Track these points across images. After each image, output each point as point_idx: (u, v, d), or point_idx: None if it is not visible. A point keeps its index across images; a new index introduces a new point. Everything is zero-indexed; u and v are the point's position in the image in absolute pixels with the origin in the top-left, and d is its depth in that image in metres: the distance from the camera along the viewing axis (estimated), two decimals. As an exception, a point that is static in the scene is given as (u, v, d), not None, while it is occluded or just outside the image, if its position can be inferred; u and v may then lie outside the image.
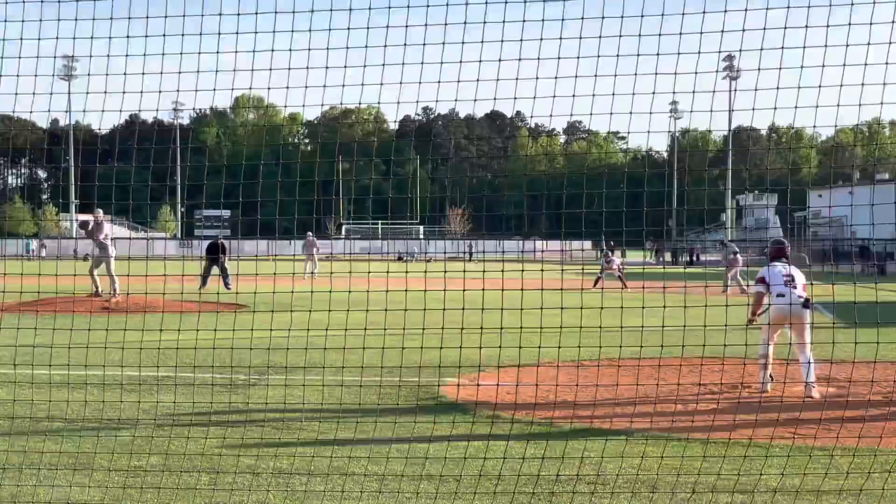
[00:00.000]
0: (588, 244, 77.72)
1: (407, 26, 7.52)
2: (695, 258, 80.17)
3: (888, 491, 7.63)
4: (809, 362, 12.06)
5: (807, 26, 7.13)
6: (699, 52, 7.37)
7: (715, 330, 8.46)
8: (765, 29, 7.19)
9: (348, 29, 7.58)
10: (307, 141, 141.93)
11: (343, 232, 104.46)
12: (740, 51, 7.45)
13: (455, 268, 9.31)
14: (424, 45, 7.53)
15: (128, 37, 7.67)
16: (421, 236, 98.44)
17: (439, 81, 7.58)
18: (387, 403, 11.40)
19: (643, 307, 8.21)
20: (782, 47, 7.18)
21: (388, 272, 8.13)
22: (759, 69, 7.41)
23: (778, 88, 7.37)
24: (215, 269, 33.55)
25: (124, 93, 7.96)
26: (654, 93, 7.47)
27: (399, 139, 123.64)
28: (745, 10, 7.25)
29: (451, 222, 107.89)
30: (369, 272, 8.61)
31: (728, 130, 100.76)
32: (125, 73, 7.88)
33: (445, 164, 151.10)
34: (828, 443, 9.07)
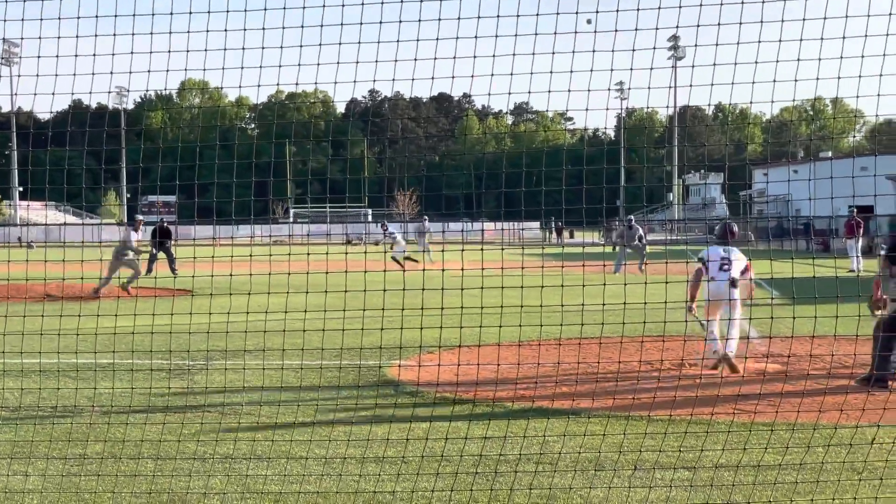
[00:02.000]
0: (536, 224, 78.03)
1: (343, 5, 7.44)
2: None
3: (828, 464, 7.70)
4: (735, 338, 12.28)
5: (742, 2, 7.14)
6: (636, 29, 7.34)
7: (656, 308, 8.48)
8: (700, 5, 7.18)
9: (283, 8, 7.49)
10: (253, 126, 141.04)
11: (291, 215, 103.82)
12: (680, 26, 7.44)
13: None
14: (361, 24, 7.44)
15: (59, 18, 7.52)
16: (369, 219, 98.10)
17: (375, 61, 7.50)
18: (329, 386, 11.34)
19: (583, 285, 8.20)
20: (718, 24, 7.17)
21: (327, 254, 8.05)
22: (696, 45, 7.42)
23: (715, 65, 7.36)
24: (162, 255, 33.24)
25: (56, 75, 7.80)
26: (591, 70, 7.43)
27: (345, 121, 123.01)
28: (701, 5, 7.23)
29: (400, 205, 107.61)
30: (308, 254, 8.53)
31: (674, 108, 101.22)
32: (57, 56, 7.73)
33: (393, 147, 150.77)
34: (769, 418, 9.15)
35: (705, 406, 9.72)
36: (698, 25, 7.23)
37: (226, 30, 7.46)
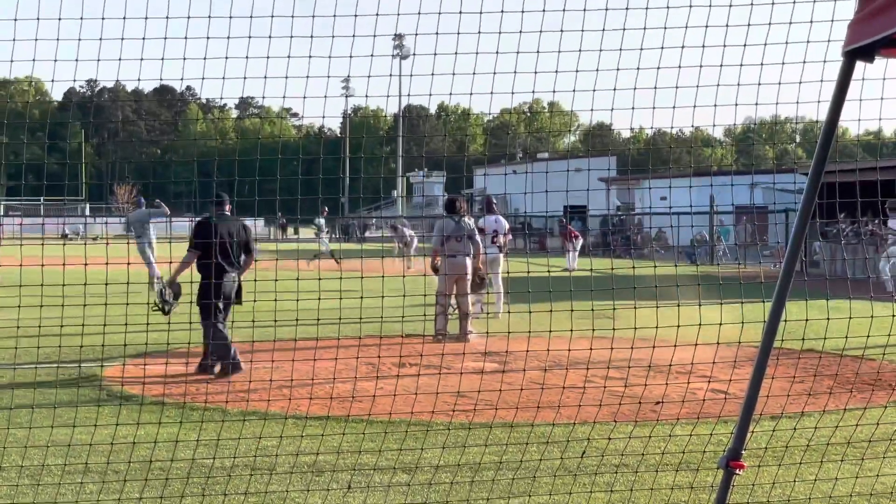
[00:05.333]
0: (261, 221, 77.24)
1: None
2: (364, 234, 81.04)
3: (545, 462, 7.78)
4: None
5: (461, 12, 7.12)
6: (374, 36, 7.20)
7: (373, 307, 8.38)
8: (419, 14, 7.11)
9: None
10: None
11: (2, 209, 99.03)
12: (405, 33, 7.34)
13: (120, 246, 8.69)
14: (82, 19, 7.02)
15: None
16: (87, 213, 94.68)
17: (98, 60, 7.09)
18: (23, 383, 10.63)
19: (296, 280, 7.99)
20: (436, 33, 7.12)
21: (43, 251, 7.45)
22: (414, 54, 7.34)
23: (455, 75, 7.31)
24: None
25: None
26: (328, 76, 7.24)
27: (62, 112, 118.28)
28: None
29: (119, 199, 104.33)
30: (21, 249, 7.92)
31: (398, 109, 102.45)
32: None
33: (112, 139, 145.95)
34: (487, 417, 9.18)
35: (425, 406, 9.64)
36: (416, 34, 7.19)
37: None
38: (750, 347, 8.09)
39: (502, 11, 7.10)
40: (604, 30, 7.08)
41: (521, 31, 7.12)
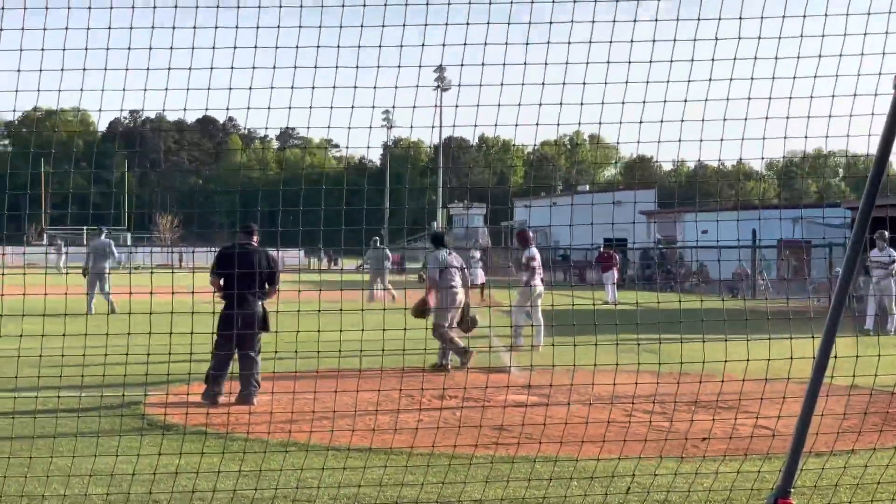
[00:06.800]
0: (302, 252, 77.50)
1: (110, 28, 7.10)
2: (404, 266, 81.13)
3: (589, 498, 7.68)
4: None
5: (507, 43, 7.13)
6: (419, 66, 7.22)
7: (417, 338, 8.32)
8: (465, 44, 7.13)
9: (43, 29, 7.07)
10: (6, 143, 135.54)
11: (45, 239, 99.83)
12: (446, 65, 7.35)
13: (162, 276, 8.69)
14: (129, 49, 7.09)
15: None
16: (129, 243, 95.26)
17: (144, 89, 7.14)
18: (66, 411, 10.65)
19: (340, 310, 7.95)
20: (481, 63, 7.13)
21: (83, 275, 7.50)
22: (459, 85, 7.34)
23: (500, 106, 7.32)
24: None
25: None
26: (372, 106, 7.26)
27: (106, 143, 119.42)
28: (467, 24, 7.18)
29: (161, 229, 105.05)
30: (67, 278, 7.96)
31: (439, 140, 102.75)
32: None
33: (154, 170, 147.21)
34: (529, 451, 9.08)
35: (467, 439, 9.57)
36: (462, 64, 7.21)
37: None
38: (795, 384, 7.98)
39: (548, 42, 7.11)
40: (651, 61, 7.06)
41: (567, 62, 7.12)
